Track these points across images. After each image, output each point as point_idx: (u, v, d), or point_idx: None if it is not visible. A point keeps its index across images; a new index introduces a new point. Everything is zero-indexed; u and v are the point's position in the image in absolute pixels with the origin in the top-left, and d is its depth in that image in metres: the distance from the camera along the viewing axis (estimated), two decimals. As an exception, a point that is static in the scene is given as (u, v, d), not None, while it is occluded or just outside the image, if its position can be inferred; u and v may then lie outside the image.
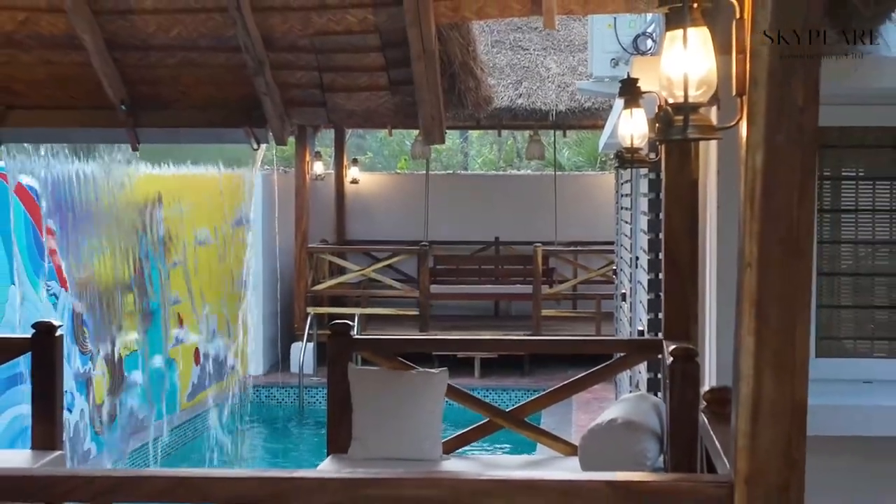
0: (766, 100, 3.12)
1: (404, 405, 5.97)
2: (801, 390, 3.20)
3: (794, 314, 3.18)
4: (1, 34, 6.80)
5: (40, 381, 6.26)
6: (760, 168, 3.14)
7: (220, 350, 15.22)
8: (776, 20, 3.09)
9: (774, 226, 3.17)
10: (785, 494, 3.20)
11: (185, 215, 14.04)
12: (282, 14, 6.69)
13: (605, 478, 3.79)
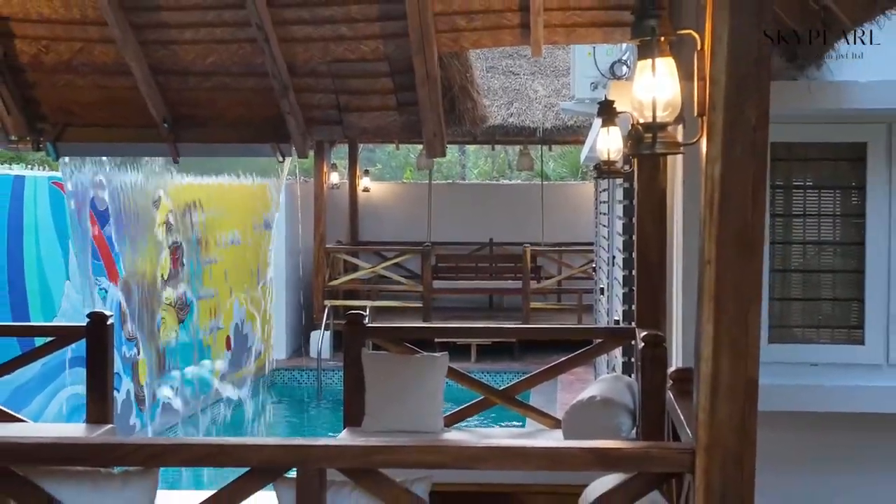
0: (723, 120, 3.14)
1: (410, 384, 5.96)
2: (753, 371, 3.22)
3: (746, 305, 3.20)
4: (60, 62, 6.87)
5: (94, 364, 6.25)
6: (718, 179, 3.16)
7: (249, 337, 15.23)
8: (732, 52, 3.12)
9: (730, 229, 3.19)
10: (739, 460, 3.22)
11: (217, 219, 14.06)
12: (304, 44, 6.76)
13: (584, 445, 3.81)
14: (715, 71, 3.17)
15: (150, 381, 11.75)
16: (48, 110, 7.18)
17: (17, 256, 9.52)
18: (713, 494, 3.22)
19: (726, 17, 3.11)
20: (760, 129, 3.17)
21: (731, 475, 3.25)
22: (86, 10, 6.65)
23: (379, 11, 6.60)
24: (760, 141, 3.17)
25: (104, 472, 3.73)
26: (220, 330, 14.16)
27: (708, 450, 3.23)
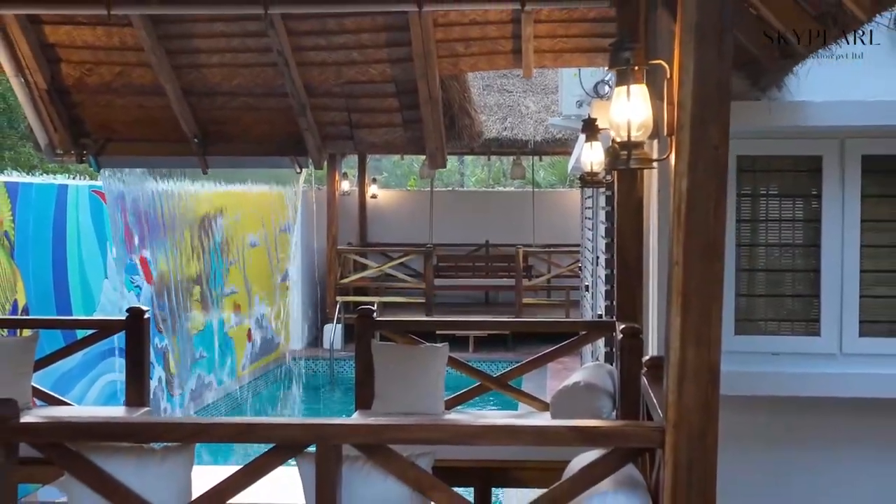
0: (689, 140, 3.16)
1: (415, 372, 5.91)
2: (716, 358, 3.26)
3: (709, 301, 3.23)
4: (101, 83, 7.01)
5: (132, 354, 6.23)
6: (685, 191, 3.18)
7: (268, 330, 15.19)
8: (696, 80, 3.13)
9: (695, 235, 3.21)
10: (703, 436, 3.24)
11: (240, 223, 14.04)
12: (319, 68, 6.89)
13: (567, 424, 3.84)
14: (682, 96, 3.19)
15: (180, 370, 11.71)
16: (91, 127, 7.29)
17: (60, 257, 9.50)
18: (680, 467, 3.23)
19: (692, 50, 3.12)
20: (721, 148, 3.18)
21: (696, 449, 3.26)
22: (125, 38, 6.79)
23: (386, 39, 6.73)
24: (721, 158, 3.18)
25: (146, 448, 3.77)
26: (242, 324, 14.10)
27: (676, 427, 3.25)
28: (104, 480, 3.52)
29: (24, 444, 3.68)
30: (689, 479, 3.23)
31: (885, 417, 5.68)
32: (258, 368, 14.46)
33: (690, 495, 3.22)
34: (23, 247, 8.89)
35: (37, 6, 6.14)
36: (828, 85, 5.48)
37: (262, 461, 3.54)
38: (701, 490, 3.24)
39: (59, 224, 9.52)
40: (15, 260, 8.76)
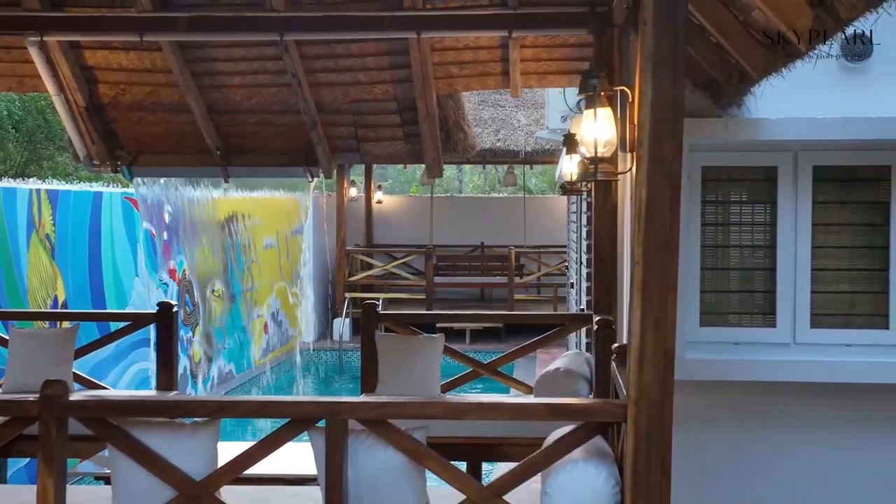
0: (648, 155, 3.22)
1: (414, 359, 5.88)
2: (671, 344, 3.31)
3: (666, 295, 3.28)
4: (134, 102, 7.07)
5: (162, 343, 6.22)
6: (644, 199, 3.25)
7: (283, 323, 15.15)
8: (653, 104, 3.19)
9: (653, 237, 3.27)
10: (660, 410, 3.30)
11: (257, 227, 14.00)
12: (329, 88, 6.96)
13: (545, 401, 3.88)
14: (641, 117, 3.25)
15: (203, 359, 11.72)
16: (124, 140, 7.30)
17: (96, 257, 9.52)
18: (640, 437, 3.27)
19: (650, 77, 3.18)
20: (675, 161, 3.23)
21: (654, 422, 3.30)
22: (155, 61, 6.83)
23: (389, 62, 6.78)
24: (675, 170, 3.23)
25: (178, 423, 3.82)
26: (259, 317, 14.12)
27: (637, 403, 3.30)
28: (142, 451, 3.59)
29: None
30: (649, 448, 3.28)
31: (833, 399, 5.70)
32: (274, 358, 14.43)
33: (649, 462, 3.26)
34: (62, 248, 8.91)
35: (77, 33, 6.19)
36: (783, 103, 5.45)
37: (279, 434, 3.60)
38: (658, 458, 3.29)
39: (95, 227, 9.54)
40: (55, 260, 8.79)
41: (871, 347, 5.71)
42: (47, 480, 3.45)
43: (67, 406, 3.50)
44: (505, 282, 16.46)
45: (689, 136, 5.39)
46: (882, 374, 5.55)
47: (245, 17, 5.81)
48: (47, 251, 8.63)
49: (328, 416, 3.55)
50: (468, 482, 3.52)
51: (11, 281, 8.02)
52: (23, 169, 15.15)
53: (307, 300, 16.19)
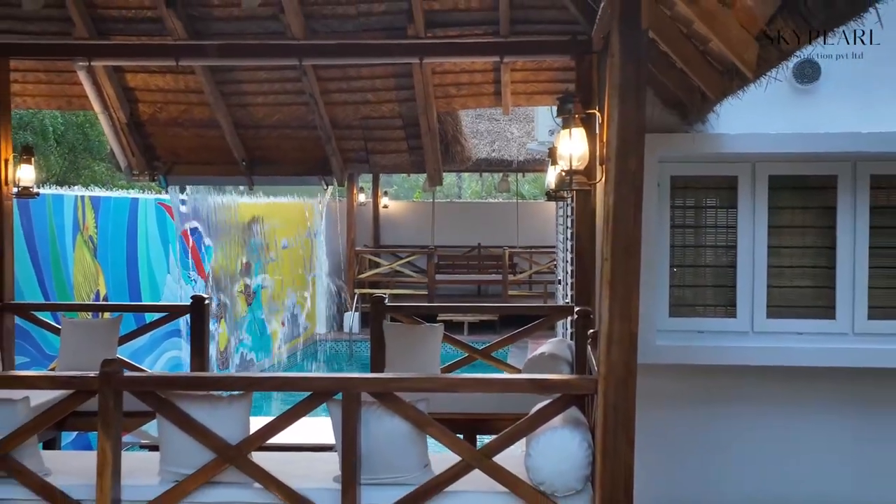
0: (615, 167, 3.37)
1: (417, 345, 5.91)
2: (634, 329, 3.46)
3: (630, 287, 3.44)
4: (169, 119, 7.12)
5: (195, 331, 6.21)
6: (611, 206, 3.40)
7: (298, 317, 15.05)
8: (619, 125, 3.35)
9: (619, 238, 3.42)
10: (625, 384, 3.46)
11: (276, 229, 13.90)
12: (342, 106, 7.02)
13: (527, 377, 4.05)
14: (609, 136, 3.41)
15: (228, 348, 11.68)
16: (161, 153, 7.36)
17: (133, 257, 9.50)
18: (609, 407, 3.45)
19: (616, 103, 3.34)
20: (638, 173, 3.37)
21: (620, 394, 3.46)
22: (188, 83, 6.90)
23: (395, 83, 6.85)
24: (638, 181, 3.38)
25: (216, 395, 3.92)
26: (277, 311, 14.02)
27: (605, 378, 3.46)
28: (185, 420, 3.72)
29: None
30: (616, 416, 3.43)
31: (786, 381, 5.80)
32: (290, 348, 14.38)
33: (616, 429, 3.43)
34: (103, 248, 8.90)
35: (121, 59, 6.31)
36: (742, 119, 5.53)
37: (302, 405, 3.73)
38: (624, 425, 3.45)
39: (132, 230, 9.52)
40: (97, 258, 8.76)
41: (820, 335, 5.82)
42: (106, 444, 3.63)
43: (123, 381, 3.68)
44: (499, 279, 16.41)
45: (660, 149, 5.56)
46: (829, 358, 5.67)
47: (268, 45, 5.95)
48: (90, 251, 8.64)
49: (344, 389, 3.68)
50: (462, 445, 3.68)
51: (60, 277, 8.03)
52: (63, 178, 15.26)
53: (320, 296, 16.10)
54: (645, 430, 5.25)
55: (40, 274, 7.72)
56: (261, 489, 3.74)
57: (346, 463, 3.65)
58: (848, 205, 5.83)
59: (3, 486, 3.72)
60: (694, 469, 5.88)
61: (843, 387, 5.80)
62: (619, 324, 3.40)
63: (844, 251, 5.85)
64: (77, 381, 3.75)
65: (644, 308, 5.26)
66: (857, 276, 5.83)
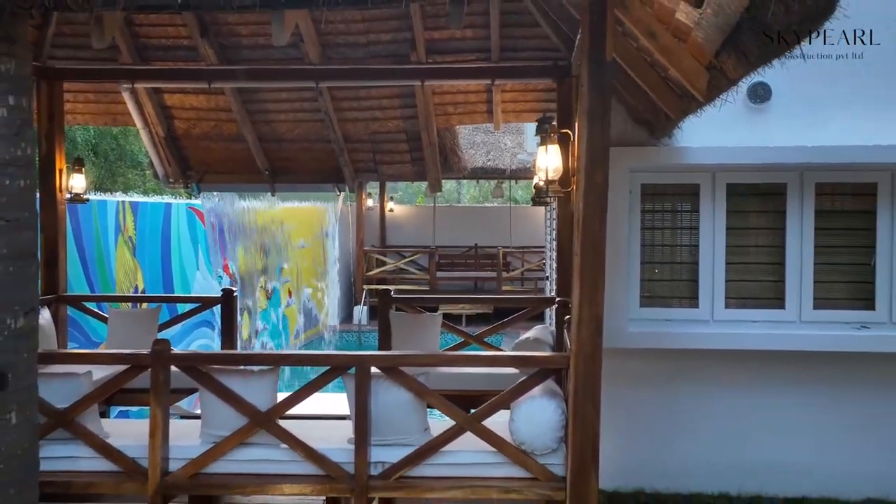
0: (584, 180, 3.51)
1: (419, 332, 5.97)
2: (600, 313, 3.58)
3: (596, 279, 3.57)
4: (201, 133, 7.20)
5: (225, 320, 6.31)
6: (581, 211, 3.54)
7: (313, 309, 15.03)
8: (587, 143, 3.48)
9: (587, 238, 3.55)
10: (592, 360, 3.58)
11: (293, 231, 13.86)
12: (353, 123, 7.12)
13: (510, 354, 4.19)
14: (579, 152, 3.56)
15: (250, 336, 11.67)
16: (193, 163, 7.45)
17: (167, 255, 9.51)
18: (579, 378, 3.57)
19: (585, 125, 3.47)
20: (603, 184, 3.51)
21: (588, 368, 3.58)
22: (218, 102, 7.02)
23: (399, 103, 6.96)
24: (603, 190, 3.51)
25: (249, 370, 4.01)
26: (293, 304, 14.03)
27: (576, 354, 3.59)
28: (223, 390, 3.87)
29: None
30: (584, 387, 3.59)
31: (742, 363, 5.98)
32: (306, 338, 14.31)
33: (585, 398, 3.59)
34: (141, 247, 8.95)
35: (160, 81, 6.40)
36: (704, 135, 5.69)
37: (321, 377, 3.86)
38: (591, 393, 3.59)
39: (166, 231, 9.57)
40: (136, 257, 8.82)
41: (771, 323, 5.98)
42: (157, 411, 3.85)
43: (171, 357, 3.87)
44: (494, 276, 16.36)
45: (631, 161, 5.79)
46: (779, 343, 5.85)
47: (289, 69, 6.07)
48: (130, 250, 8.69)
49: (357, 364, 3.85)
50: (456, 411, 3.87)
51: (104, 273, 8.10)
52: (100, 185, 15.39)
53: (333, 291, 16.03)
54: (618, 405, 5.79)
55: (87, 270, 7.77)
56: (286, 449, 3.90)
57: (359, 426, 3.80)
58: (796, 209, 5.93)
59: (70, 446, 3.92)
60: (660, 438, 6.01)
61: (791, 368, 5.94)
62: (587, 309, 3.53)
63: (793, 250, 5.96)
64: (132, 357, 3.94)
65: (618, 299, 5.71)
66: (804, 272, 5.97)
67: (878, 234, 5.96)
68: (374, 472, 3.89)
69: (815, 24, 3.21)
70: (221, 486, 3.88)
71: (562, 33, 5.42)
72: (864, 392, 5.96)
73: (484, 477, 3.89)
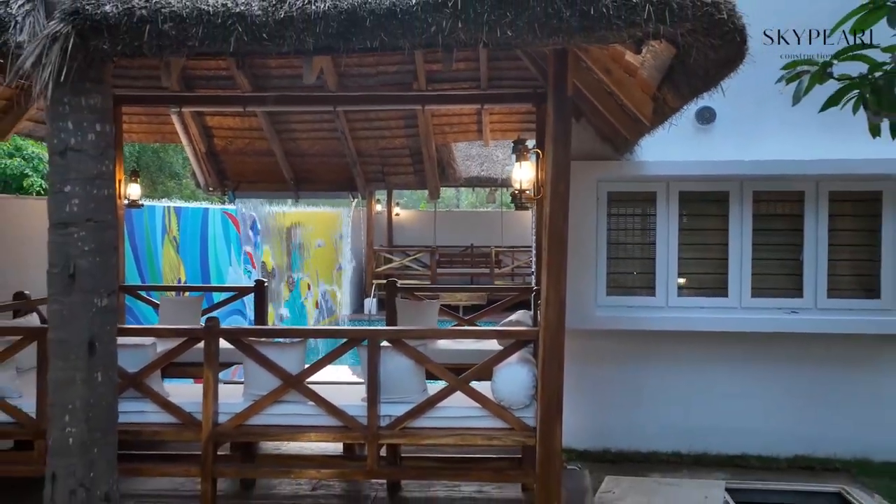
0: (550, 190, 3.70)
1: (420, 315, 6.01)
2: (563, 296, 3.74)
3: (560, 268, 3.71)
4: (237, 150, 7.38)
5: (258, 307, 6.34)
6: (547, 214, 3.73)
7: (328, 301, 15.11)
8: (553, 160, 3.65)
9: (553, 236, 3.73)
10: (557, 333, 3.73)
11: (312, 232, 13.97)
12: (365, 140, 7.29)
13: (492, 328, 4.36)
14: (546, 167, 3.75)
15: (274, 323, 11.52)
16: (230, 174, 7.65)
17: (204, 252, 9.69)
18: (547, 348, 3.73)
19: (551, 146, 3.69)
20: (566, 195, 3.70)
21: (553, 339, 3.76)
22: (251, 123, 7.20)
23: (404, 123, 7.13)
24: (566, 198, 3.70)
25: (282, 342, 4.14)
26: (311, 296, 14.10)
27: (544, 329, 3.76)
28: (262, 358, 4.06)
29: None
30: (551, 354, 3.76)
31: (691, 342, 6.11)
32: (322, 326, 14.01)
33: (551, 363, 3.75)
34: (183, 245, 9.15)
35: (203, 106, 6.52)
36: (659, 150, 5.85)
37: (340, 347, 4.05)
38: (556, 360, 3.76)
39: (203, 232, 9.75)
40: (179, 253, 9.02)
41: (716, 308, 6.10)
42: (209, 374, 4.09)
43: (221, 332, 4.12)
44: (488, 272, 16.53)
45: (599, 172, 5.99)
46: (722, 325, 5.98)
47: (311, 96, 6.12)
48: (174, 247, 8.89)
49: (370, 337, 4.05)
50: (447, 374, 4.09)
51: (153, 267, 8.28)
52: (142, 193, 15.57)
53: (346, 285, 16.02)
54: (588, 378, 5.99)
55: (139, 264, 7.92)
56: (313, 405, 4.11)
57: (370, 387, 4.01)
58: (737, 213, 6.03)
59: (140, 403, 4.19)
60: (624, 405, 6.09)
61: (732, 346, 6.04)
62: (553, 292, 3.74)
63: (734, 247, 6.05)
64: (189, 331, 4.21)
65: (588, 289, 5.91)
66: (744, 266, 6.04)
67: (805, 234, 6.08)
68: (382, 423, 4.07)
69: (729, 69, 3.44)
70: (260, 435, 4.11)
71: (539, 66, 5.54)
72: (792, 366, 6.07)
73: (471, 427, 4.05)
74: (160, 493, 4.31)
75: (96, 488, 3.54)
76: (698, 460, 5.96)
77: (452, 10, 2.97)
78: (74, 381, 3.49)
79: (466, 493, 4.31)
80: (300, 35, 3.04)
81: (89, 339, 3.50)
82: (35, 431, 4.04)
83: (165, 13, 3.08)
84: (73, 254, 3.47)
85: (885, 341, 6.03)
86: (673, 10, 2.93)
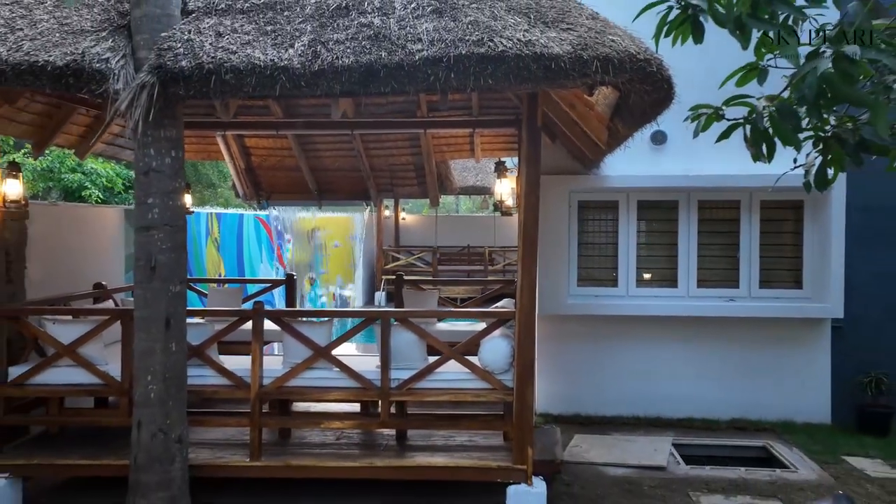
0: (524, 200, 3.98)
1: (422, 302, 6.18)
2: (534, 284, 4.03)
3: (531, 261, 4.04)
4: (271, 166, 7.59)
5: (288, 297, 6.59)
6: (523, 220, 4.01)
7: (343, 295, 15.14)
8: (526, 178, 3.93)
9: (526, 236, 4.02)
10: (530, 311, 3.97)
11: (329, 235, 14.09)
12: (377, 158, 7.49)
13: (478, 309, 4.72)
14: (522, 182, 4.04)
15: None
16: (264, 186, 7.81)
17: (240, 252, 9.93)
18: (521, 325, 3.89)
19: (524, 168, 3.97)
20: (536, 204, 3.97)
21: (527, 318, 4.03)
22: (283, 143, 7.40)
23: (409, 144, 7.31)
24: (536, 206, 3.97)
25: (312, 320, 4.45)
26: (329, 291, 14.18)
27: (520, 310, 3.99)
28: (297, 333, 4.30)
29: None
30: (525, 330, 4.02)
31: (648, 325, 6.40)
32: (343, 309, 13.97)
33: (525, 337, 4.01)
34: (222, 245, 9.42)
35: (243, 130, 6.62)
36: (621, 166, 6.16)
37: (358, 326, 4.29)
38: (529, 334, 4.03)
39: (239, 234, 10.00)
40: (220, 252, 9.30)
41: (668, 297, 6.43)
42: (256, 346, 4.35)
43: (265, 312, 4.38)
44: (482, 269, 16.54)
45: (570, 185, 6.33)
46: (673, 310, 6.30)
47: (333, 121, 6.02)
48: (216, 247, 9.17)
49: (381, 317, 4.33)
50: (443, 345, 4.32)
51: (199, 264, 8.59)
52: None
53: (359, 281, 16.13)
54: (561, 354, 6.32)
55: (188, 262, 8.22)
56: (337, 371, 4.39)
57: (383, 356, 4.31)
58: (685, 219, 6.41)
59: (201, 369, 4.54)
60: (591, 377, 6.37)
61: (682, 329, 6.31)
62: (526, 279, 4.05)
63: (683, 246, 6.37)
64: (241, 312, 4.59)
65: (561, 280, 6.21)
66: (690, 262, 6.45)
67: (741, 235, 6.34)
68: (392, 385, 4.34)
69: (662, 107, 3.90)
70: (297, 394, 4.39)
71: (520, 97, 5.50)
72: (731, 345, 6.29)
73: (462, 388, 4.33)
74: (217, 441, 4.64)
75: (171, 433, 4.03)
76: (653, 423, 6.13)
77: (447, 65, 3.42)
78: (154, 349, 3.95)
79: (459, 441, 4.57)
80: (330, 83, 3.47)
81: (166, 316, 3.96)
82: (119, 390, 4.49)
83: (227, 66, 3.55)
84: (153, 251, 3.95)
85: (807, 324, 6.39)
86: (615, 65, 3.44)
